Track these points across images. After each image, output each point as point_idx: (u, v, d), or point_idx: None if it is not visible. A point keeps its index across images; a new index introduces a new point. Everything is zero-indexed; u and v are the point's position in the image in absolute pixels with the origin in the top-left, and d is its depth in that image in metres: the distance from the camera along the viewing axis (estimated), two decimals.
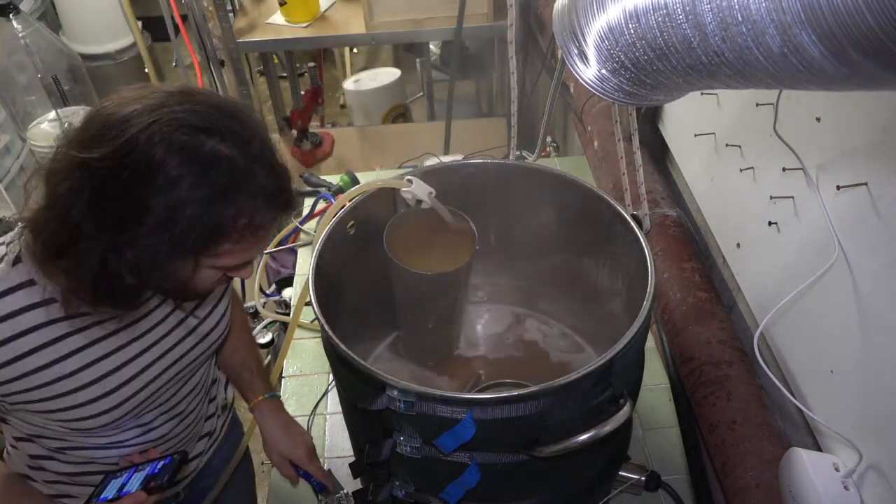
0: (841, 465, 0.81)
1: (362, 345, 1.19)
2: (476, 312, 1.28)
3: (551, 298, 1.23)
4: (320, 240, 0.94)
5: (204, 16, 2.02)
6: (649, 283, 0.84)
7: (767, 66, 0.48)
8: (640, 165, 1.25)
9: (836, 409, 0.84)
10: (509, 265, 1.22)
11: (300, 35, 2.20)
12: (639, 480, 0.98)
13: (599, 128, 1.58)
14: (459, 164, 1.08)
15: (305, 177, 1.80)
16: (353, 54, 4.23)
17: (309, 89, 2.59)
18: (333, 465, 1.10)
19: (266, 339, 1.66)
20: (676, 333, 1.13)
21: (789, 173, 0.91)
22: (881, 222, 0.73)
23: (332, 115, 3.84)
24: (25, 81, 3.04)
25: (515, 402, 0.74)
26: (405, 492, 0.87)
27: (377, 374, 0.76)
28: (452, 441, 0.76)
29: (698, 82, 0.57)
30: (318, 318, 0.84)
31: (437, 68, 3.37)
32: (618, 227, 0.96)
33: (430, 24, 2.13)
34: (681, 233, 1.27)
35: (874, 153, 0.75)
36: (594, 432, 0.76)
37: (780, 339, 0.98)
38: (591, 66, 0.61)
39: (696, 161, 1.27)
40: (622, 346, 0.77)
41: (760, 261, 1.02)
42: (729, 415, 0.97)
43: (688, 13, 0.50)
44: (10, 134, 3.31)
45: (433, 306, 1.12)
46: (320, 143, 2.70)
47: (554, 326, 1.24)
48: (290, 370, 1.26)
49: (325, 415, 1.18)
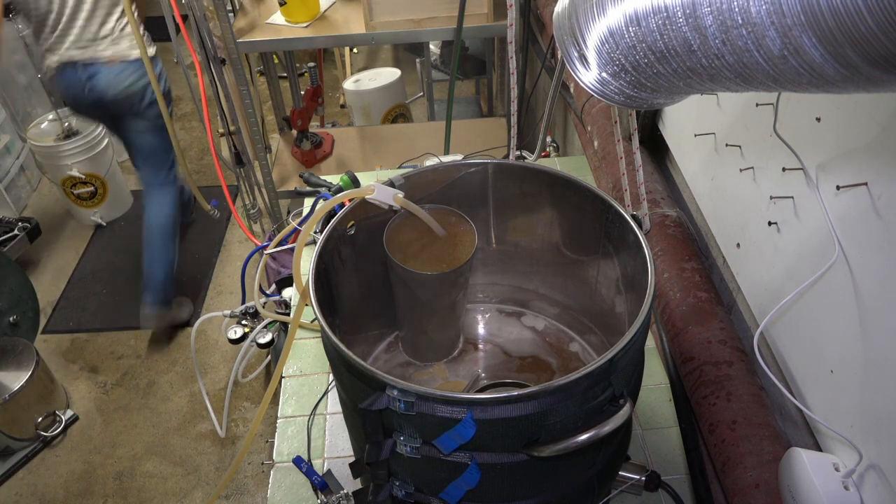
0: (841, 465, 0.81)
1: (362, 345, 1.19)
2: (476, 312, 1.28)
3: (551, 298, 1.23)
4: (320, 240, 0.94)
5: (204, 16, 2.02)
6: (649, 283, 0.84)
7: (768, 68, 0.48)
8: (639, 165, 1.25)
9: (836, 409, 0.84)
10: (509, 265, 1.22)
11: (300, 35, 2.20)
12: (639, 480, 0.98)
13: (599, 128, 1.58)
14: (459, 164, 1.08)
15: (305, 177, 1.80)
16: (353, 54, 4.23)
17: (309, 89, 2.60)
18: (333, 465, 1.10)
19: (266, 339, 1.66)
20: (676, 333, 1.13)
21: (789, 173, 0.91)
22: (881, 222, 0.73)
23: (332, 115, 3.84)
24: (25, 81, 3.04)
25: (515, 402, 0.74)
26: (405, 492, 0.87)
27: (377, 374, 0.77)
28: (452, 441, 0.76)
29: (699, 85, 0.57)
30: (318, 318, 0.84)
31: (437, 68, 3.38)
32: (618, 228, 0.96)
33: (430, 24, 2.13)
34: (681, 233, 1.28)
35: (874, 153, 0.75)
36: (594, 432, 0.76)
37: (780, 339, 0.98)
38: (591, 70, 0.61)
39: (696, 161, 1.27)
40: (622, 346, 0.77)
41: (760, 261, 1.02)
42: (729, 415, 0.97)
43: (688, 16, 0.50)
44: (10, 134, 3.31)
45: (433, 306, 1.12)
46: (320, 143, 2.70)
47: (553, 326, 1.24)
48: (290, 370, 1.27)
49: (325, 415, 1.18)
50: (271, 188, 2.52)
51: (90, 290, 2.96)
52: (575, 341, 1.22)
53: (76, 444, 2.39)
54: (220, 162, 2.29)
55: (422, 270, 1.02)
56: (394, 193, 0.99)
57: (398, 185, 1.01)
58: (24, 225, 2.94)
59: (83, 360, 2.68)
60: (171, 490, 2.23)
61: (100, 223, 3.24)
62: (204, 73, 2.11)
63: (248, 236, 2.44)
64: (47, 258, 3.13)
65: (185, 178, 2.60)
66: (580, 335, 1.22)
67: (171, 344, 2.72)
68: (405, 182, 1.03)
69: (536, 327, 1.25)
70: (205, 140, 3.73)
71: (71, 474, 2.30)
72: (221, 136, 2.34)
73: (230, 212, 3.15)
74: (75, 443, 2.40)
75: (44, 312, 2.83)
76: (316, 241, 1.06)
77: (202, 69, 2.09)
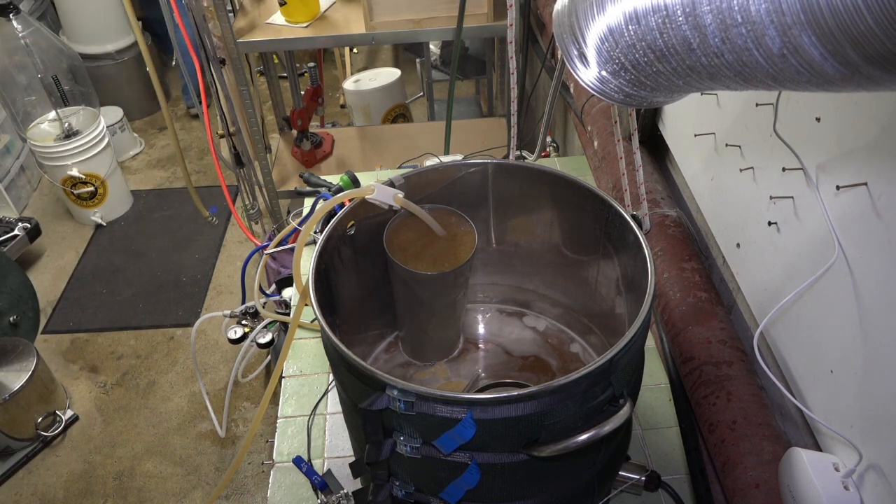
0: (841, 465, 0.81)
1: (362, 345, 1.19)
2: (476, 312, 1.28)
3: (551, 298, 1.23)
4: (320, 240, 0.94)
5: (204, 16, 2.02)
6: (649, 283, 0.84)
7: (767, 67, 0.48)
8: (639, 165, 1.25)
9: (836, 409, 0.84)
10: (509, 265, 1.22)
11: (300, 35, 2.20)
12: (639, 480, 0.98)
13: (599, 128, 1.58)
14: (459, 164, 1.08)
15: (305, 177, 1.80)
16: (353, 54, 4.23)
17: (309, 89, 2.59)
18: (333, 465, 1.10)
19: (266, 339, 1.66)
20: (676, 333, 1.13)
21: (789, 173, 0.91)
22: (881, 222, 0.73)
23: (332, 115, 3.84)
24: (25, 81, 3.04)
25: (515, 401, 0.74)
26: (405, 492, 0.87)
27: (377, 374, 0.76)
28: (452, 441, 0.76)
29: (698, 84, 0.57)
30: (318, 318, 0.84)
31: (437, 68, 3.38)
32: (618, 228, 0.96)
33: (430, 24, 2.13)
34: (681, 233, 1.28)
35: (874, 153, 0.75)
36: (594, 432, 0.76)
37: (780, 339, 0.98)
38: (591, 68, 0.61)
39: (696, 161, 1.27)
40: (622, 346, 0.77)
41: (760, 261, 1.02)
42: (729, 415, 0.97)
43: (688, 14, 0.50)
44: (10, 134, 3.31)
45: (433, 306, 1.12)
46: (320, 143, 2.70)
47: (553, 326, 1.24)
48: (290, 370, 1.27)
49: (325, 415, 1.18)
50: (271, 188, 2.52)
51: (90, 290, 2.96)
52: (575, 342, 1.22)
53: (76, 444, 2.39)
54: (220, 162, 2.29)
55: (422, 270, 1.02)
56: (394, 193, 0.99)
57: (398, 185, 1.01)
58: (24, 225, 2.94)
59: (83, 360, 2.68)
60: (171, 490, 2.23)
61: (100, 223, 3.24)
62: (204, 73, 2.11)
63: (248, 236, 2.44)
64: (47, 258, 3.13)
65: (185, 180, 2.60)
66: (580, 335, 1.22)
67: (171, 344, 2.72)
68: (405, 182, 1.02)
69: (538, 328, 1.25)
70: (205, 140, 3.74)
71: (71, 474, 2.30)
72: (221, 137, 2.34)
73: (230, 212, 3.15)
74: (75, 443, 2.40)
75: (44, 312, 2.83)
76: (316, 241, 1.07)
77: (202, 69, 2.09)
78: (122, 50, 3.76)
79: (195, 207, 2.81)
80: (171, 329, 2.77)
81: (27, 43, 2.93)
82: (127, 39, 3.75)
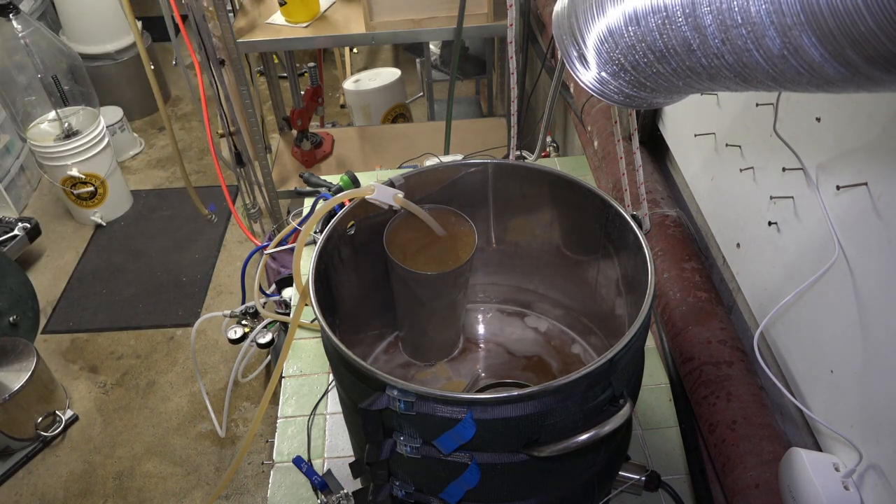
0: (841, 465, 0.81)
1: (362, 345, 1.19)
2: (476, 312, 1.28)
3: (551, 298, 1.23)
4: (320, 240, 0.94)
5: (204, 16, 2.02)
6: (649, 283, 0.84)
7: (767, 68, 0.48)
8: (639, 165, 1.25)
9: (836, 409, 0.84)
10: (509, 265, 1.22)
11: (300, 35, 2.20)
12: (639, 480, 0.98)
13: (599, 128, 1.58)
14: (459, 164, 1.08)
15: (305, 177, 1.80)
16: (353, 54, 4.23)
17: (309, 89, 2.59)
18: (333, 465, 1.10)
19: (266, 339, 1.66)
20: (676, 333, 1.13)
21: (789, 173, 0.91)
22: (881, 222, 0.73)
23: (332, 115, 3.84)
24: (25, 81, 3.04)
25: (515, 402, 0.74)
26: (405, 492, 0.87)
27: (377, 374, 0.76)
28: (452, 441, 0.76)
29: (698, 85, 0.57)
30: (318, 318, 0.84)
31: (437, 68, 3.37)
32: (618, 228, 0.96)
33: (430, 24, 2.13)
34: (681, 233, 1.28)
35: (874, 153, 0.75)
36: (594, 432, 0.76)
37: (780, 339, 0.98)
38: (590, 69, 0.61)
39: (696, 161, 1.27)
40: (622, 346, 0.77)
41: (760, 261, 1.02)
42: (729, 415, 0.97)
43: (687, 15, 0.50)
44: (10, 134, 3.31)
45: (433, 306, 1.12)
46: (320, 143, 2.70)
47: (553, 326, 1.24)
48: (290, 370, 1.27)
49: (325, 415, 1.18)
50: (271, 188, 2.52)
51: (90, 290, 2.96)
52: (574, 341, 1.22)
53: (76, 444, 2.39)
54: (220, 162, 2.29)
55: (422, 270, 1.02)
56: (394, 193, 0.99)
57: (398, 185, 1.01)
58: (24, 225, 2.94)
59: (83, 360, 2.68)
60: (171, 490, 2.23)
61: (100, 223, 3.24)
62: (203, 73, 2.11)
63: (248, 236, 2.44)
64: (47, 258, 3.13)
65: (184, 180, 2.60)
66: (580, 335, 1.22)
67: (171, 344, 2.72)
68: (405, 182, 1.03)
69: (536, 327, 1.25)
70: (205, 140, 3.74)
71: (71, 474, 2.30)
72: (221, 136, 2.34)
73: (230, 212, 3.15)
74: (75, 443, 2.40)
75: (44, 312, 2.83)
76: (316, 241, 1.07)
77: (202, 69, 2.09)
78: (122, 50, 3.76)
79: (195, 207, 2.81)
80: (171, 329, 2.77)
81: (27, 43, 2.93)
82: (127, 39, 3.75)
